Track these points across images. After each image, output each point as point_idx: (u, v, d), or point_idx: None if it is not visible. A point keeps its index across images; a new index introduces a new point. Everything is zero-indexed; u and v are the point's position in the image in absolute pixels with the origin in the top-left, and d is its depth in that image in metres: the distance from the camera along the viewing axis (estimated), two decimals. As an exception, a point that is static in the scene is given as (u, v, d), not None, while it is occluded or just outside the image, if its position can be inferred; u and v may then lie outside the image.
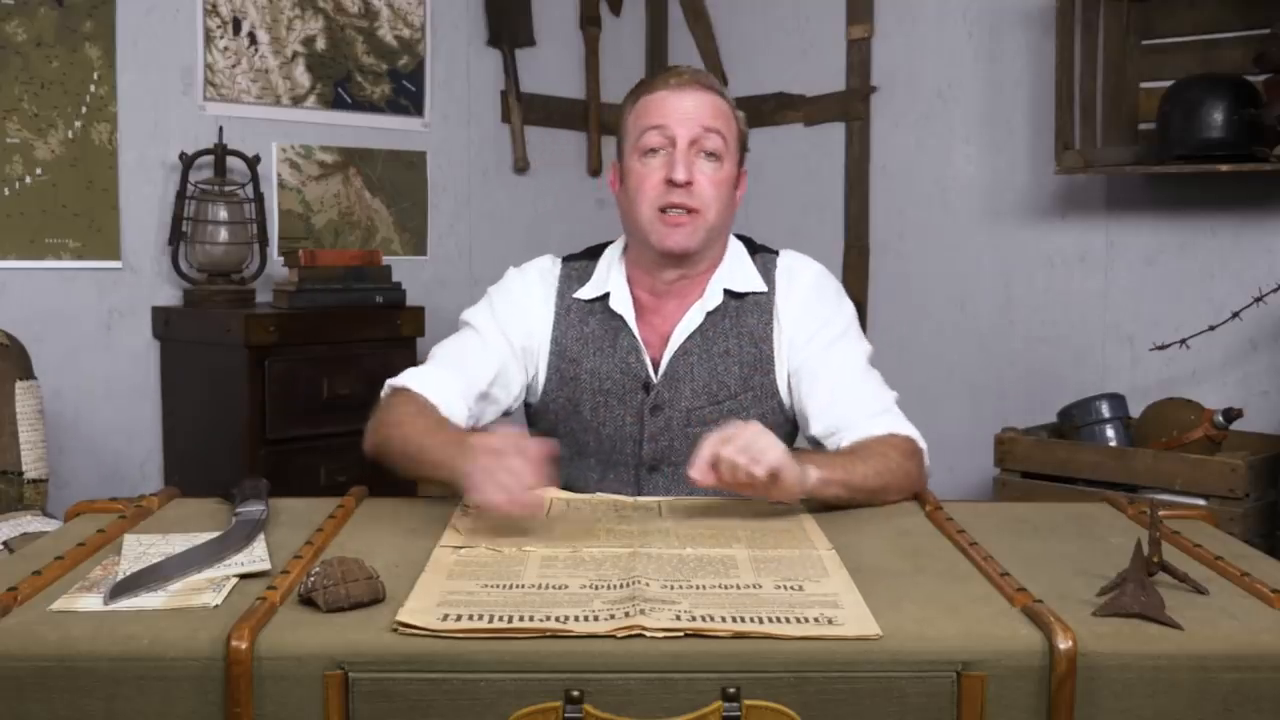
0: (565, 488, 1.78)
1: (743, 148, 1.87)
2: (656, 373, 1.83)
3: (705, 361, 1.83)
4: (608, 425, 1.83)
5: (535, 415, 1.93)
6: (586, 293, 1.87)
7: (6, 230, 3.00)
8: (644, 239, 1.81)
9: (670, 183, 1.76)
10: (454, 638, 1.08)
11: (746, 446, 1.46)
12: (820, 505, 1.59)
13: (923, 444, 1.75)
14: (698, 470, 1.47)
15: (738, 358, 1.83)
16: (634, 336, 1.84)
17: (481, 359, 1.83)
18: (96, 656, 1.07)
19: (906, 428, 1.75)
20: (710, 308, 1.83)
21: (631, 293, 1.87)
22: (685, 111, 1.77)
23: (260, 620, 1.10)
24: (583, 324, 1.87)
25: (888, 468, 1.64)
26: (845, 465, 1.61)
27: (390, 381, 1.79)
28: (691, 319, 1.83)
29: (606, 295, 1.86)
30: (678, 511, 1.57)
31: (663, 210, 1.77)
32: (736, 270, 1.86)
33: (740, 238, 1.93)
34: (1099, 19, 3.02)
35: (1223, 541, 1.47)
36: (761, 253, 1.91)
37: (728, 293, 1.84)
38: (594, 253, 1.94)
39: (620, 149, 1.87)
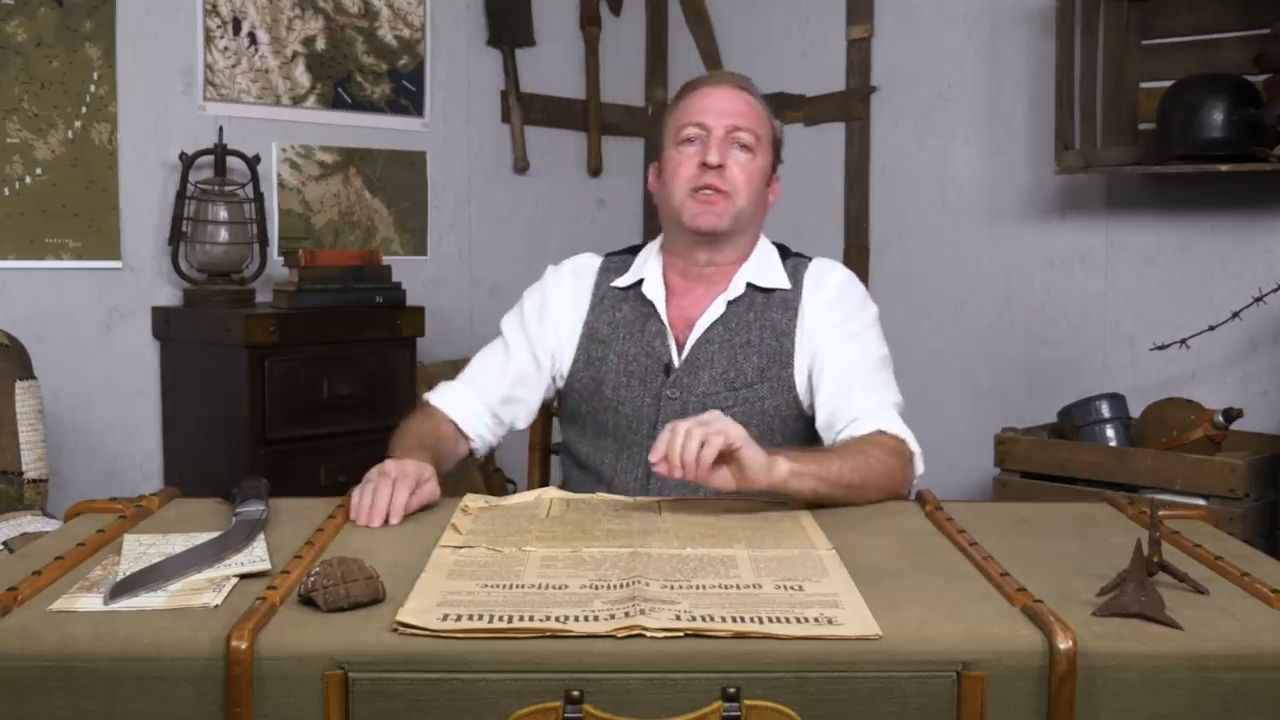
0: (583, 465, 1.93)
1: (777, 152, 1.96)
2: (680, 356, 1.89)
3: (726, 350, 1.88)
4: (626, 405, 1.90)
5: (563, 395, 2.01)
6: (623, 281, 1.97)
7: (6, 230, 3.00)
8: (677, 220, 1.90)
9: (704, 165, 1.86)
10: (454, 638, 1.08)
11: (706, 422, 1.50)
12: (815, 504, 1.59)
13: (915, 447, 1.75)
14: (656, 452, 1.50)
15: (758, 349, 1.88)
16: (662, 322, 1.92)
17: (500, 370, 1.96)
18: (96, 656, 1.07)
19: (899, 428, 1.76)
20: (732, 297, 1.90)
21: (665, 279, 1.95)
22: (720, 106, 1.89)
23: (260, 620, 1.10)
24: (615, 310, 1.96)
25: (868, 465, 1.64)
26: (820, 460, 1.62)
27: (425, 396, 1.96)
28: (715, 309, 1.90)
29: (640, 282, 1.95)
30: (678, 511, 1.57)
31: (696, 191, 1.87)
32: (764, 266, 1.94)
33: (776, 244, 2.00)
34: (1099, 19, 3.02)
35: (1223, 541, 1.47)
36: (794, 258, 1.99)
37: (753, 286, 1.92)
38: (634, 249, 2.04)
39: (660, 148, 1.96)
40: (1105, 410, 2.99)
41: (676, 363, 1.89)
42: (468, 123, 3.90)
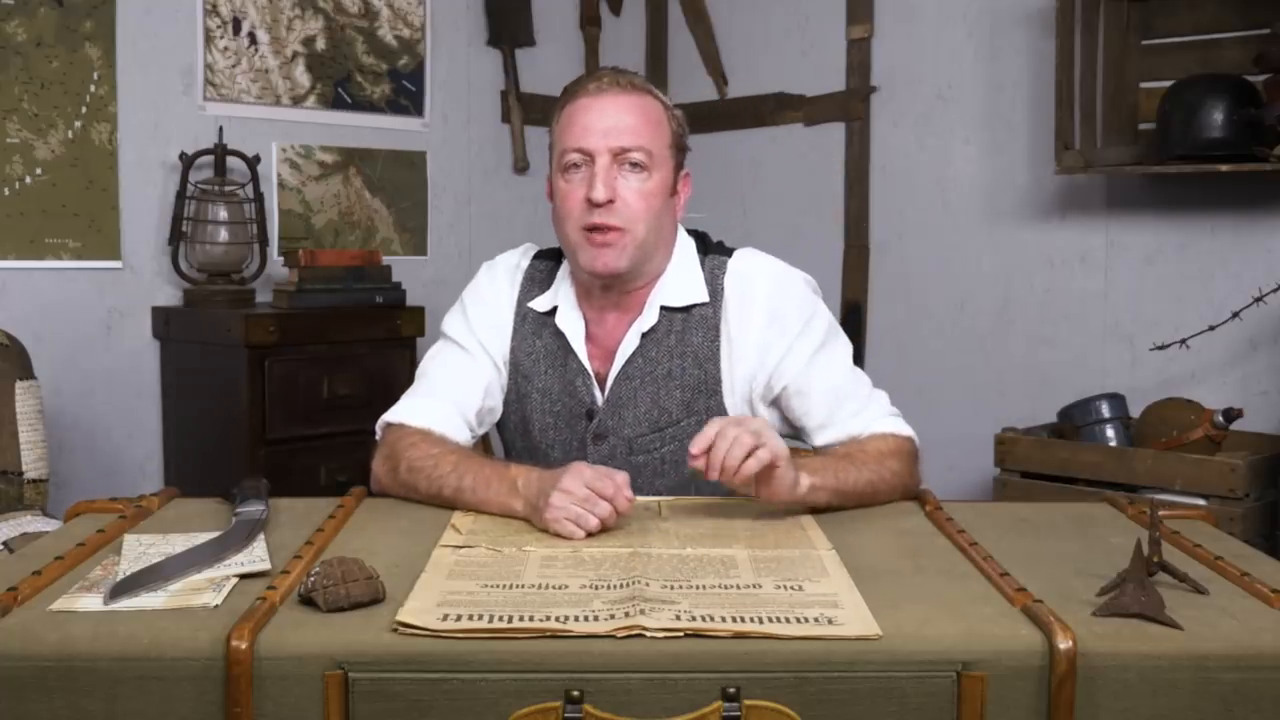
0: None
1: (680, 151, 1.78)
2: (603, 392, 1.78)
3: (648, 386, 1.76)
4: (556, 449, 1.79)
5: (500, 425, 1.89)
6: (539, 304, 1.82)
7: (6, 230, 3.00)
8: (573, 259, 1.76)
9: (590, 202, 1.68)
10: (454, 638, 1.08)
11: (756, 431, 1.47)
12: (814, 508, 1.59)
13: (918, 442, 1.75)
14: (698, 445, 1.46)
15: (680, 381, 1.75)
16: (580, 360, 1.78)
17: (471, 378, 1.79)
18: (96, 656, 1.07)
19: (903, 428, 1.75)
20: (645, 328, 1.76)
21: (580, 307, 1.80)
22: (606, 124, 1.69)
23: (260, 620, 1.10)
24: (536, 336, 1.82)
25: (880, 475, 1.64)
26: (837, 472, 1.60)
27: (386, 419, 1.75)
28: (630, 340, 1.77)
29: (556, 309, 1.81)
30: (678, 511, 1.57)
31: (588, 230, 1.70)
32: (678, 282, 1.78)
33: (695, 234, 1.85)
34: (1099, 19, 3.02)
35: (1223, 541, 1.47)
36: (713, 254, 1.81)
37: (668, 309, 1.77)
38: (561, 254, 1.86)
39: (549, 159, 1.80)
40: (1105, 410, 2.99)
41: (600, 401, 1.77)
42: (468, 123, 3.90)
